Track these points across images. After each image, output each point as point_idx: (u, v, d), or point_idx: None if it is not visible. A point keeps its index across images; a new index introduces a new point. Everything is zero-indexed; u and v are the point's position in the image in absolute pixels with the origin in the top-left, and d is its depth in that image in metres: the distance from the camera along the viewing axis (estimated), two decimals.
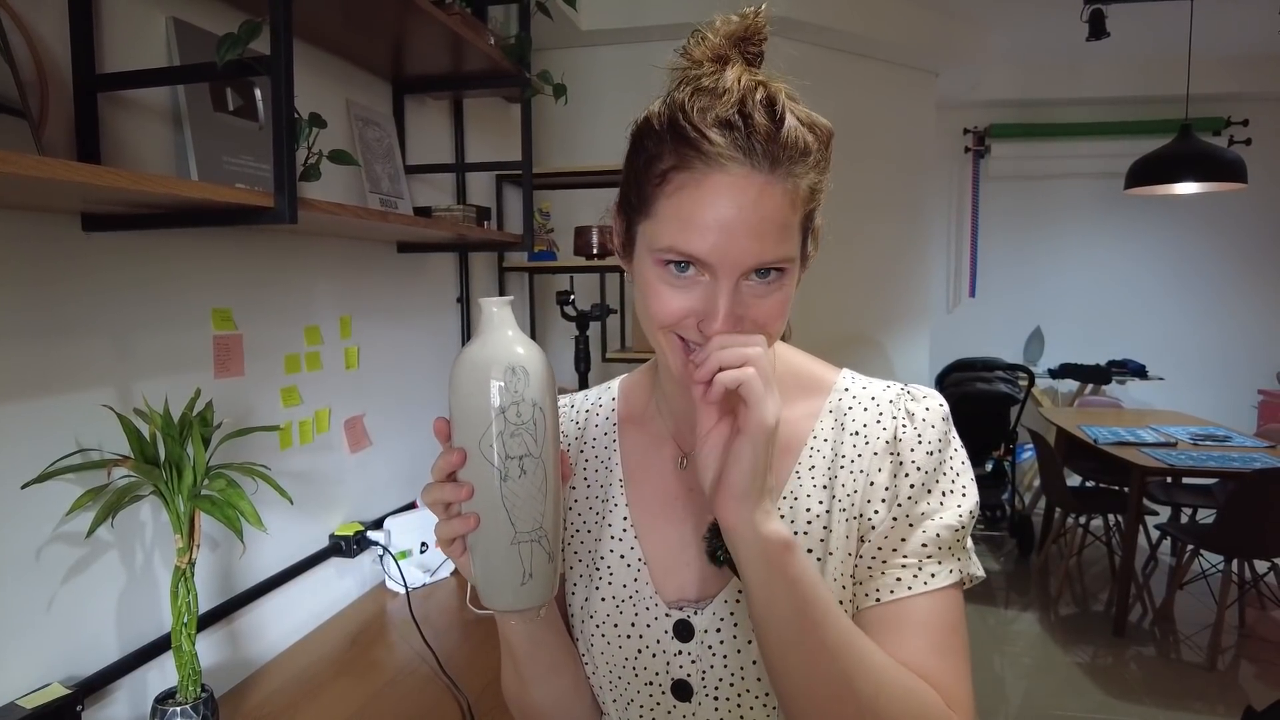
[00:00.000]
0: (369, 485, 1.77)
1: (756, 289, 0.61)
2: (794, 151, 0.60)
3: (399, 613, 1.60)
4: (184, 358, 1.24)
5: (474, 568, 0.63)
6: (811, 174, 0.62)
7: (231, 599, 1.34)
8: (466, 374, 0.60)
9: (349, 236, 1.66)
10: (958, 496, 0.67)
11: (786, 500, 0.69)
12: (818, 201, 0.64)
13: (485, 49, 1.68)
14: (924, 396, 0.70)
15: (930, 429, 0.68)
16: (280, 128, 0.94)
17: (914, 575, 0.65)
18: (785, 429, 0.69)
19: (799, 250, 0.63)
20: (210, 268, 1.29)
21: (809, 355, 0.76)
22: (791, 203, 0.60)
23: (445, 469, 0.61)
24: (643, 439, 0.78)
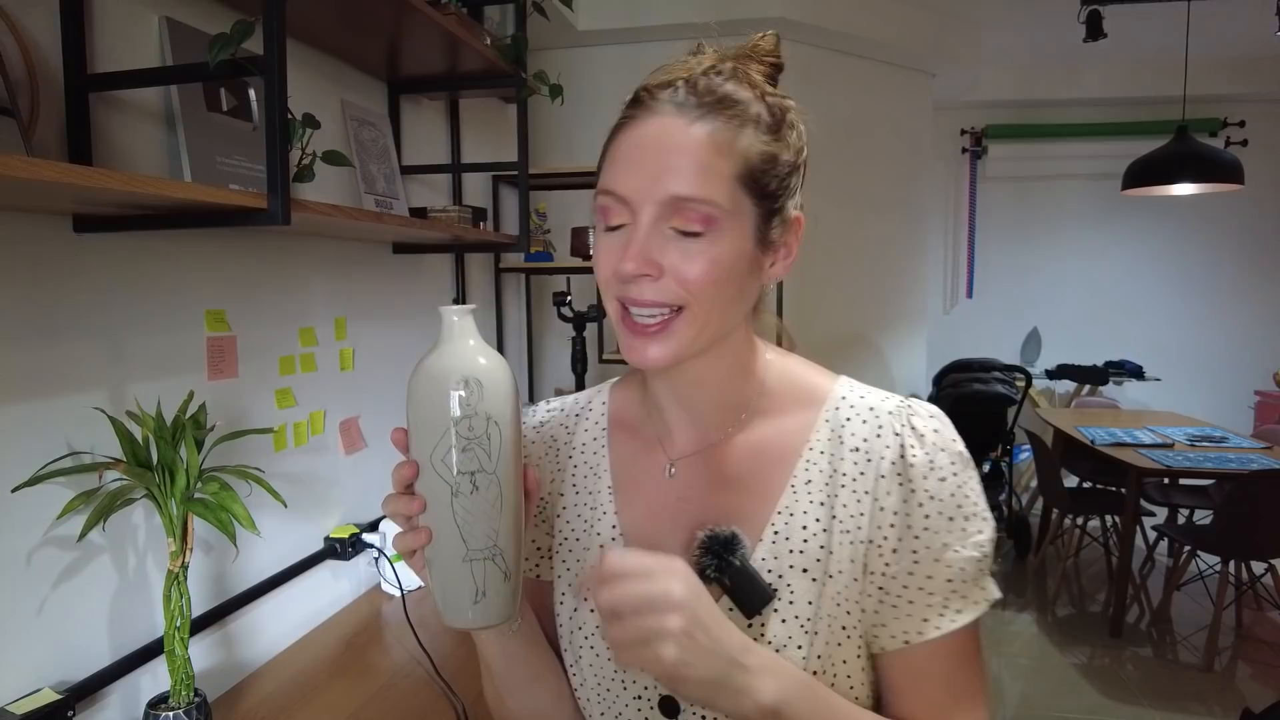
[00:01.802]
0: (364, 487, 1.76)
1: (681, 244, 0.60)
2: (729, 103, 0.61)
3: (394, 615, 1.59)
4: (177, 360, 1.23)
5: (432, 583, 0.62)
6: (754, 135, 0.61)
7: (225, 602, 1.33)
8: (421, 385, 0.58)
9: (344, 237, 1.66)
10: (977, 523, 0.64)
11: (781, 516, 0.66)
12: (773, 177, 0.62)
13: (481, 49, 1.67)
14: (929, 415, 0.67)
15: (941, 452, 0.65)
16: (273, 128, 0.93)
17: (940, 614, 0.63)
18: (780, 440, 0.69)
19: (736, 202, 0.60)
20: (203, 269, 1.29)
21: (806, 362, 0.74)
22: (717, 148, 0.60)
23: (401, 481, 0.61)
24: (633, 445, 0.76)
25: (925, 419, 0.66)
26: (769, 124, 0.62)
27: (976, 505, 0.64)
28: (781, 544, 0.66)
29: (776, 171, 0.63)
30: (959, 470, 0.64)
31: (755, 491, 0.68)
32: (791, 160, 0.64)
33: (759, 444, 0.69)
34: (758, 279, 0.65)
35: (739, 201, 0.61)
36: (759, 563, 0.65)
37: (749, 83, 0.63)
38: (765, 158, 0.62)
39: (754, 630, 0.64)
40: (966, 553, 0.63)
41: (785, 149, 0.63)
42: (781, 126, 0.64)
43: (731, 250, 0.61)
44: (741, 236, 0.61)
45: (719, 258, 0.60)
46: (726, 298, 0.62)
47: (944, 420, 0.67)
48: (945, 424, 0.67)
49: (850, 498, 0.65)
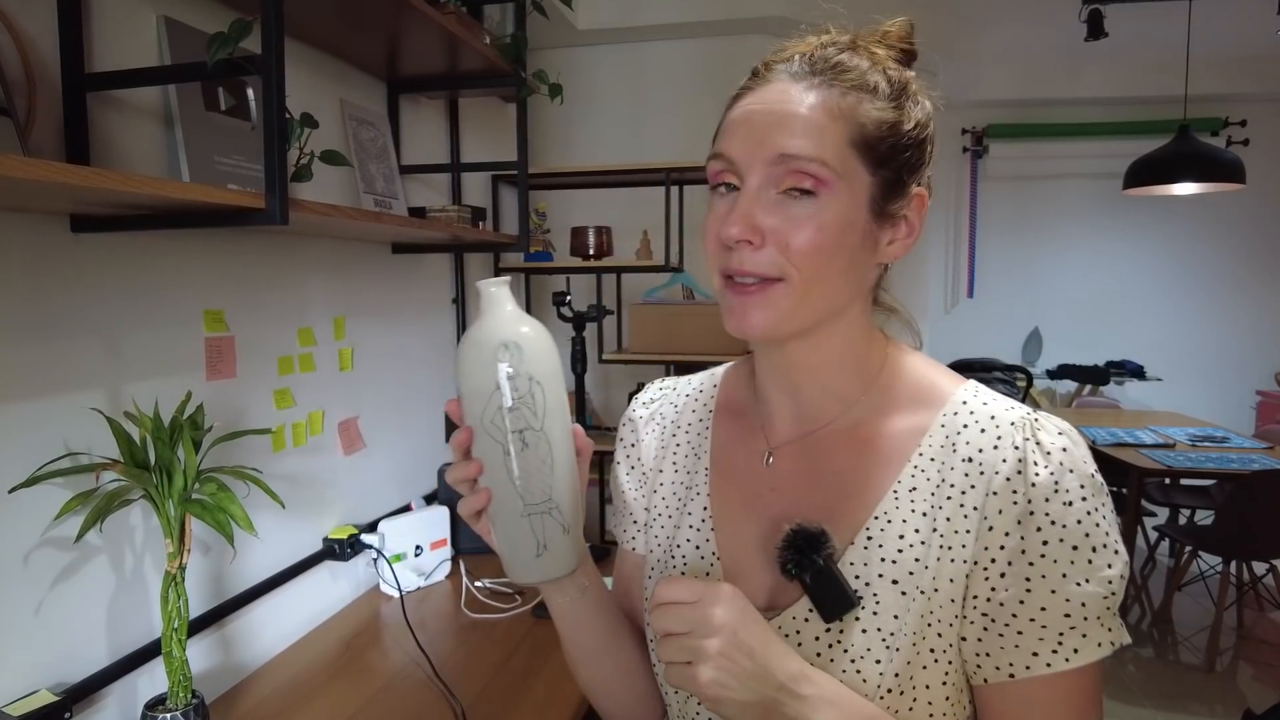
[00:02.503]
0: (363, 488, 1.75)
1: (789, 208, 0.58)
2: (843, 69, 0.61)
3: (393, 616, 1.59)
4: (175, 360, 1.23)
5: (497, 542, 0.65)
6: (872, 102, 0.60)
7: (223, 603, 1.33)
8: (467, 353, 0.62)
9: (343, 237, 1.65)
10: (1107, 555, 0.58)
11: (879, 521, 0.62)
12: (890, 145, 0.60)
13: (480, 48, 1.67)
14: (1058, 430, 0.61)
15: (1070, 474, 0.58)
16: (271, 128, 0.93)
17: (1053, 650, 0.57)
18: (889, 440, 0.65)
19: (849, 167, 0.59)
20: (202, 269, 1.28)
21: (933, 363, 0.69)
22: (828, 110, 0.59)
23: (459, 447, 0.63)
24: (736, 429, 0.74)
25: (1054, 435, 0.60)
26: (888, 93, 0.61)
27: (1107, 536, 0.58)
28: (874, 550, 0.62)
29: (895, 140, 0.61)
30: (1089, 496, 0.58)
31: (854, 491, 0.64)
32: (913, 132, 0.62)
33: (866, 441, 0.65)
34: (873, 255, 0.63)
35: (852, 166, 0.59)
36: (846, 567, 0.62)
37: (868, 55, 0.63)
38: (883, 125, 0.60)
39: (832, 635, 0.62)
40: (1090, 588, 0.57)
41: (905, 119, 0.61)
42: (903, 96, 0.62)
43: (842, 217, 0.59)
44: (854, 204, 0.59)
45: (827, 223, 0.58)
46: (835, 270, 0.60)
47: (1075, 439, 0.61)
48: (1077, 443, 0.60)
49: (956, 511, 0.60)
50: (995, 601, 0.59)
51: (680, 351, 2.45)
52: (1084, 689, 0.59)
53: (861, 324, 0.67)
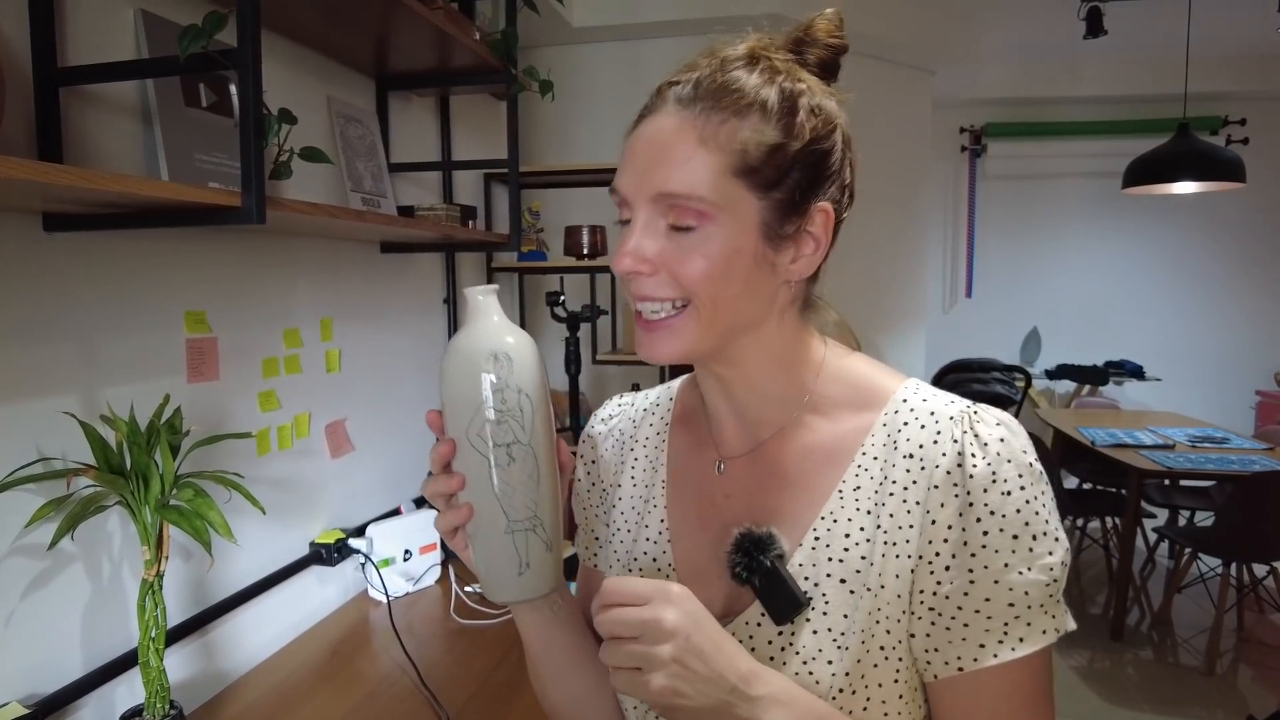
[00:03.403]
0: (351, 491, 1.73)
1: (677, 239, 0.59)
2: (721, 93, 0.59)
3: (381, 622, 1.56)
4: (155, 362, 1.20)
5: (475, 560, 0.63)
6: (755, 125, 0.59)
7: (205, 610, 1.30)
8: (452, 363, 0.60)
9: (330, 236, 1.62)
10: (1047, 543, 0.58)
11: (825, 521, 0.63)
12: (775, 168, 0.59)
13: (470, 45, 1.64)
14: (996, 421, 0.61)
15: (1007, 464, 0.59)
16: (248, 124, 0.90)
17: (999, 641, 0.58)
18: (832, 442, 0.65)
19: (730, 195, 0.58)
20: (183, 269, 1.25)
21: (873, 363, 0.70)
22: (703, 141, 0.58)
23: (440, 460, 0.61)
24: (690, 440, 0.75)
25: (991, 426, 0.61)
26: (776, 111, 0.59)
27: (1047, 524, 0.59)
28: (821, 551, 0.63)
29: (782, 162, 0.59)
30: (1028, 485, 0.59)
31: (801, 494, 0.65)
32: (806, 149, 0.60)
33: (810, 445, 0.66)
34: (772, 275, 0.62)
35: (735, 195, 0.59)
36: (795, 568, 0.63)
37: (766, 68, 0.61)
38: (764, 148, 0.59)
39: (784, 638, 0.62)
40: (1032, 575, 0.58)
41: (794, 138, 0.60)
42: (792, 112, 0.60)
43: (727, 245, 0.59)
44: (741, 231, 0.59)
45: (713, 253, 0.59)
46: (732, 294, 0.60)
47: (1014, 428, 0.61)
48: (1016, 433, 0.61)
49: (899, 507, 0.61)
50: (940, 595, 0.59)
51: None
52: (1033, 677, 0.59)
53: (785, 334, 0.66)
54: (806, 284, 0.67)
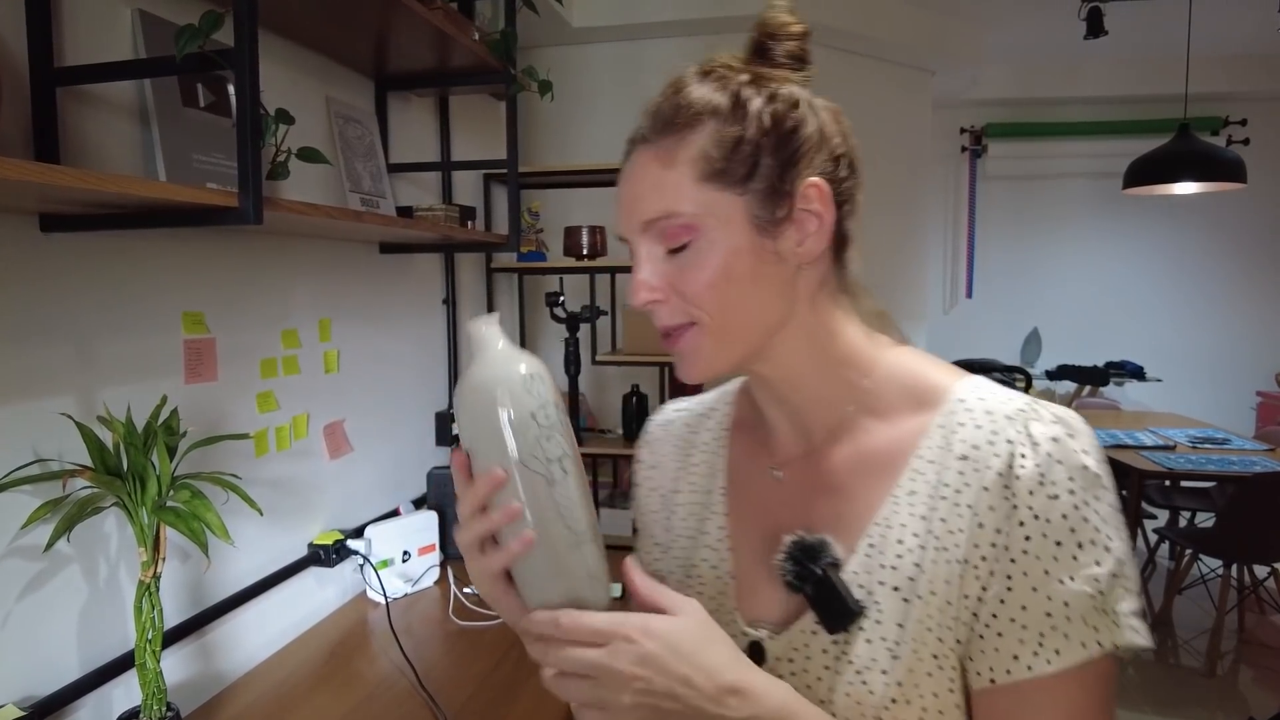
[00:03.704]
0: (349, 492, 1.72)
1: (677, 261, 0.60)
2: (674, 116, 0.60)
3: (380, 623, 1.56)
4: (152, 363, 1.20)
5: (532, 593, 0.58)
6: (710, 129, 0.59)
7: (203, 612, 1.30)
8: (481, 394, 0.57)
9: (328, 237, 1.62)
10: (1095, 552, 0.54)
11: (879, 528, 0.61)
12: (739, 161, 0.59)
13: (469, 45, 1.64)
14: (1053, 419, 0.58)
15: (1058, 465, 0.56)
16: (244, 124, 0.90)
17: (1034, 653, 0.54)
18: (888, 445, 0.63)
19: (707, 202, 0.59)
20: (181, 269, 1.25)
21: (928, 358, 0.67)
22: (663, 162, 0.60)
23: (480, 499, 0.57)
24: (748, 445, 0.73)
25: (1047, 424, 0.57)
26: (729, 111, 0.60)
27: (1097, 532, 0.55)
28: (875, 558, 0.60)
29: (746, 154, 0.59)
30: (1079, 488, 0.55)
31: (856, 499, 0.63)
32: (765, 134, 0.60)
33: (866, 448, 0.64)
34: (780, 264, 0.61)
35: (713, 200, 0.59)
36: (849, 576, 0.61)
37: (717, 78, 0.61)
38: (725, 146, 0.59)
39: (839, 647, 0.60)
40: (1075, 585, 0.54)
41: (745, 127, 0.59)
42: (744, 106, 0.60)
43: (724, 249, 0.59)
44: (732, 232, 0.59)
45: (710, 262, 0.59)
46: (740, 296, 0.60)
47: (1075, 427, 0.58)
48: (1075, 432, 0.57)
49: (951, 511, 0.58)
50: (983, 601, 0.57)
51: None
52: (1082, 694, 0.55)
53: (820, 323, 0.64)
54: (832, 267, 0.65)
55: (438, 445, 2.13)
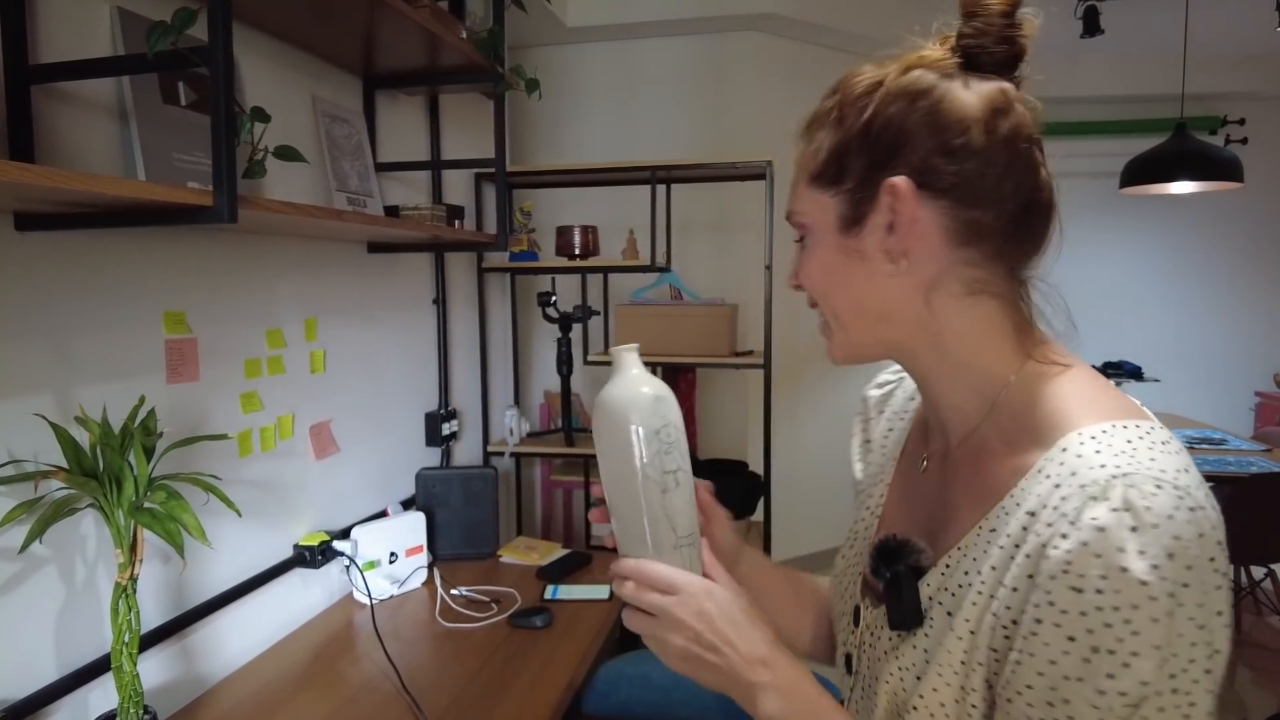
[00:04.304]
0: (336, 493, 1.71)
1: (801, 252, 0.67)
2: (815, 117, 0.65)
3: (366, 625, 1.55)
4: (131, 363, 1.19)
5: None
6: (823, 135, 0.63)
7: (185, 613, 1.29)
8: (616, 411, 0.66)
9: (313, 236, 1.61)
10: (1112, 664, 0.48)
11: (958, 553, 0.61)
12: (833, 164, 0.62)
13: (456, 43, 1.63)
14: (1123, 506, 0.49)
15: (1095, 559, 0.48)
16: (218, 122, 0.89)
17: None
18: (994, 474, 0.60)
19: (811, 206, 0.64)
20: (161, 269, 1.24)
21: (1084, 386, 0.61)
22: (796, 163, 0.66)
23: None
24: (919, 431, 0.76)
25: (1105, 512, 0.49)
26: (835, 116, 0.63)
27: (1119, 643, 0.48)
28: (948, 579, 0.61)
29: (838, 156, 0.62)
30: (1110, 590, 0.48)
31: (959, 518, 0.62)
32: (855, 135, 0.61)
33: (982, 471, 0.62)
34: (866, 260, 0.62)
35: (815, 200, 0.64)
36: (924, 587, 0.63)
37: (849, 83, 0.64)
38: (830, 152, 0.62)
39: (893, 643, 0.64)
40: (1079, 688, 0.49)
41: (843, 128, 0.62)
42: (843, 108, 0.62)
43: (821, 245, 0.64)
44: (825, 230, 0.64)
45: (815, 256, 0.65)
46: (834, 287, 0.65)
47: (1143, 519, 0.48)
48: (1141, 525, 0.48)
49: (1000, 557, 0.56)
50: (1001, 661, 0.55)
51: (668, 353, 2.41)
52: None
53: (942, 329, 0.63)
54: (954, 265, 0.61)
55: (427, 446, 2.12)
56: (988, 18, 0.62)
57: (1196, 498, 0.50)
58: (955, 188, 0.59)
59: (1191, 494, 0.50)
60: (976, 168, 0.59)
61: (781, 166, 2.41)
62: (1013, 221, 0.62)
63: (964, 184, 0.59)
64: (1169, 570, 0.47)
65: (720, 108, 3.40)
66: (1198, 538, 0.48)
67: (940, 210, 0.59)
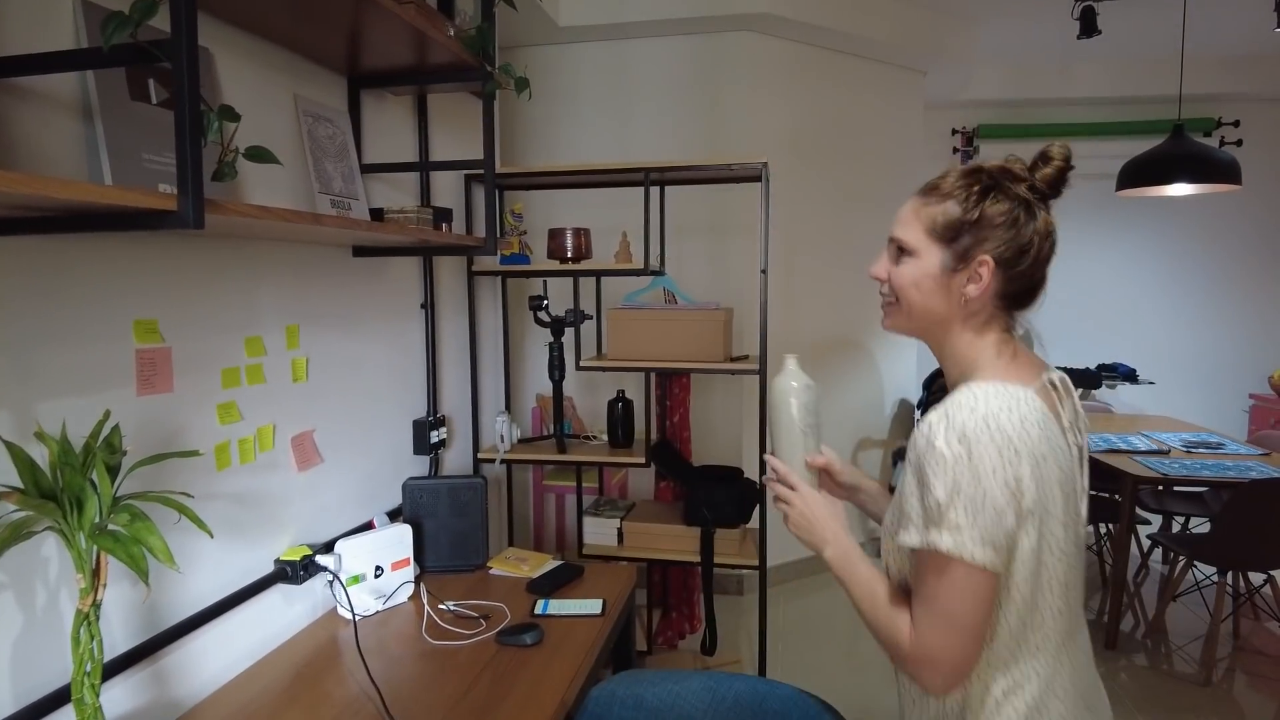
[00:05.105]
0: (319, 505, 1.66)
1: (899, 264, 1.03)
2: (929, 189, 1.02)
3: (352, 641, 1.49)
4: (99, 375, 1.13)
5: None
6: (942, 205, 0.99)
7: (158, 635, 1.23)
8: (781, 391, 1.15)
9: (295, 240, 1.55)
10: (927, 483, 0.90)
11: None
12: (958, 232, 0.97)
13: (443, 41, 1.57)
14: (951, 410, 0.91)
15: (924, 438, 0.92)
16: (182, 120, 0.83)
17: (901, 534, 0.95)
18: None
19: (923, 245, 1.00)
20: (132, 275, 1.18)
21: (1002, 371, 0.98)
22: (915, 213, 1.01)
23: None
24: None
25: (937, 415, 0.92)
26: (958, 198, 0.98)
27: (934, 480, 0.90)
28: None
29: (953, 227, 0.98)
30: (928, 453, 0.91)
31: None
32: (966, 219, 0.97)
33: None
34: (948, 293, 0.99)
35: (928, 244, 1.00)
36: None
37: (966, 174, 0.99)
38: (945, 219, 0.98)
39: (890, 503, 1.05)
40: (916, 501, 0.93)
41: (963, 213, 0.97)
42: (966, 198, 0.97)
43: (918, 271, 1.00)
44: (930, 263, 1.00)
45: (907, 273, 1.02)
46: (919, 294, 1.01)
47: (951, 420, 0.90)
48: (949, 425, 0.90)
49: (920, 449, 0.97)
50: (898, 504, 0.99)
51: (661, 358, 2.36)
52: (926, 573, 0.93)
53: (962, 336, 1.02)
54: (992, 309, 1.00)
55: (415, 454, 2.06)
56: (1056, 171, 1.00)
57: (1000, 420, 0.88)
58: (1015, 272, 0.98)
59: (996, 417, 0.88)
60: (1030, 262, 0.98)
61: (777, 169, 2.36)
62: (1029, 293, 1.01)
63: (1020, 271, 0.98)
64: (956, 449, 0.88)
65: (715, 109, 3.35)
66: (985, 436, 0.87)
67: (999, 279, 0.98)
